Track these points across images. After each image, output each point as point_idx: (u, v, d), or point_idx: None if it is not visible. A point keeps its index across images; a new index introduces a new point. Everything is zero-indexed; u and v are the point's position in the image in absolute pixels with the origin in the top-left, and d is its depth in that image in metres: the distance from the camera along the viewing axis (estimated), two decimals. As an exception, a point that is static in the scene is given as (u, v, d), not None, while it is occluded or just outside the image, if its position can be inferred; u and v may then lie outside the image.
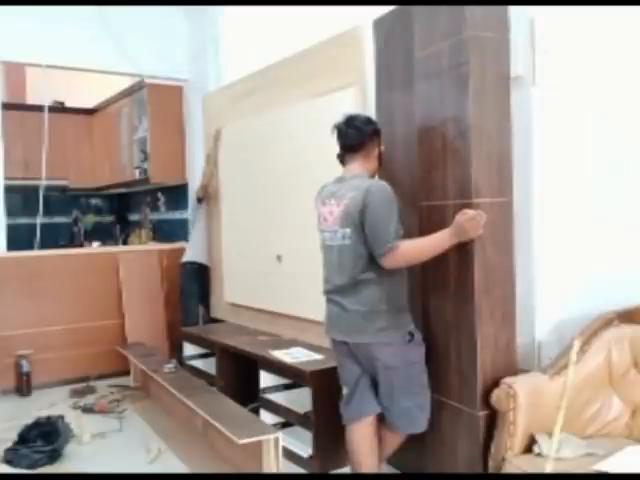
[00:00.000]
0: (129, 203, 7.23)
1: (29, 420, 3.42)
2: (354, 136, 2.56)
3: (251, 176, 4.18)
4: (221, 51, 5.01)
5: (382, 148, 2.67)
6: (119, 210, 7.43)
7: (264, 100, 4.03)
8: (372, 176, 2.62)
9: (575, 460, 2.17)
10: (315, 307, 3.02)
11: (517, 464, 2.25)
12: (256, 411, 3.36)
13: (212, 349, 4.09)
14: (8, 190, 4.97)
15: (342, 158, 2.64)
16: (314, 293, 2.91)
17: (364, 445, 2.61)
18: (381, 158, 2.68)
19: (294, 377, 3.19)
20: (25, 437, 3.27)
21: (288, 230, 3.74)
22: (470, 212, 2.37)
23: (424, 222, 2.67)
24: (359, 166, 2.58)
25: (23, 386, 4.46)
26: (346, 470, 2.92)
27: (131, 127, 6.00)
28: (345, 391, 2.66)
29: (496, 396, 2.36)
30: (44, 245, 5.25)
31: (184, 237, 5.41)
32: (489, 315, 2.46)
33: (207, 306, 4.91)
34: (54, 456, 3.22)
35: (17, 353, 4.47)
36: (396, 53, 2.85)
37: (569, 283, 2.69)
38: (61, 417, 3.45)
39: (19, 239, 5.23)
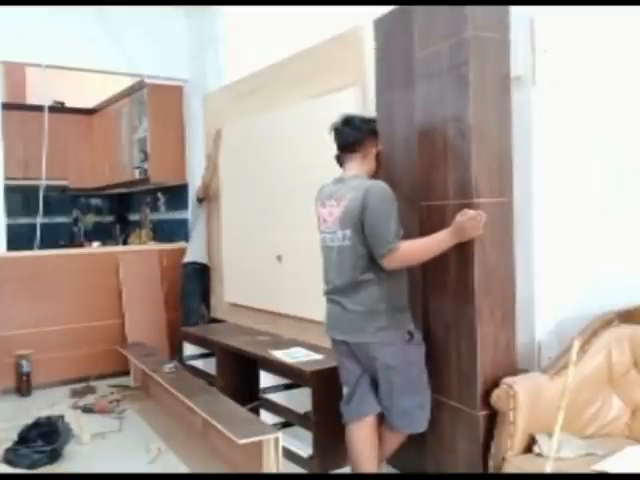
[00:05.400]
0: (129, 203, 7.23)
1: (29, 420, 3.43)
2: (352, 135, 2.56)
3: (251, 176, 4.18)
4: (221, 51, 5.01)
5: (380, 148, 2.67)
6: (119, 210, 7.43)
7: (264, 100, 4.03)
8: (371, 177, 2.61)
9: (575, 460, 2.17)
10: (315, 307, 3.03)
11: (517, 464, 2.25)
12: (256, 411, 3.36)
13: (212, 349, 4.09)
14: (8, 190, 4.97)
15: (340, 159, 2.64)
16: (314, 293, 2.91)
17: (364, 445, 2.61)
18: (379, 159, 2.68)
19: (294, 377, 3.19)
20: (25, 437, 3.27)
21: (288, 230, 3.74)
22: (470, 212, 2.37)
23: (424, 222, 2.67)
24: (357, 166, 2.58)
25: (23, 386, 4.46)
26: (346, 470, 2.92)
27: (131, 127, 6.00)
28: (345, 391, 2.66)
29: (496, 396, 2.36)
30: (44, 245, 5.25)
31: (184, 237, 5.41)
32: (489, 315, 2.46)
33: (208, 306, 4.92)
34: (54, 456, 3.22)
35: (17, 353, 4.48)
36: (396, 53, 2.85)
37: (569, 283, 2.69)
38: (61, 417, 3.45)
39: (19, 239, 5.23)
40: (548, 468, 2.05)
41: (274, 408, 3.33)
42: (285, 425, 3.27)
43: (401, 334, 2.50)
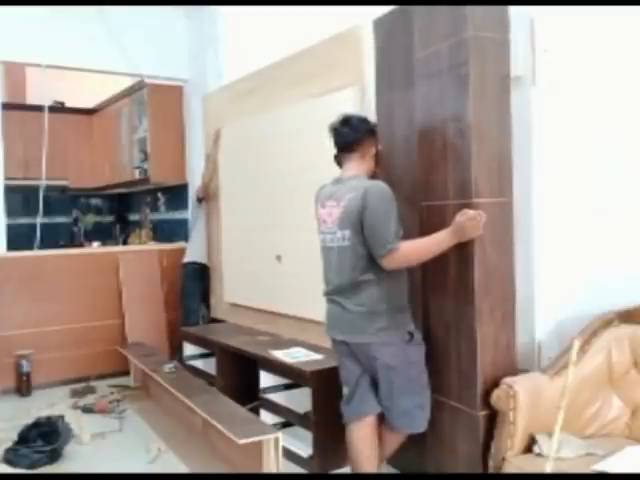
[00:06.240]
0: (129, 203, 7.23)
1: (29, 420, 3.43)
2: (350, 135, 2.56)
3: (251, 176, 4.18)
4: (221, 51, 5.01)
5: (379, 148, 2.67)
6: (119, 210, 7.43)
7: (264, 100, 4.03)
8: (369, 176, 2.61)
9: (575, 460, 2.17)
10: (315, 307, 3.02)
11: (517, 464, 2.25)
12: (256, 411, 3.36)
13: (212, 349, 4.09)
14: (8, 190, 4.98)
15: (338, 159, 2.64)
16: (314, 293, 2.91)
17: (364, 445, 2.61)
18: (378, 158, 2.67)
19: (294, 377, 3.19)
20: (25, 437, 3.27)
21: (288, 230, 3.74)
22: (470, 212, 2.37)
23: (424, 222, 2.67)
24: (356, 167, 2.58)
25: (23, 386, 4.46)
26: (346, 470, 2.92)
27: (131, 127, 6.00)
28: (345, 391, 2.66)
29: (496, 396, 2.36)
30: (44, 245, 5.25)
31: (184, 237, 5.40)
32: (489, 315, 2.46)
33: (207, 306, 4.92)
34: (54, 456, 3.22)
35: (17, 353, 4.48)
36: (396, 53, 2.85)
37: (569, 283, 2.69)
38: (61, 417, 3.45)
39: (19, 239, 5.23)
40: (548, 468, 2.05)
41: (274, 408, 3.33)
42: (285, 425, 3.27)
43: (401, 334, 2.50)
